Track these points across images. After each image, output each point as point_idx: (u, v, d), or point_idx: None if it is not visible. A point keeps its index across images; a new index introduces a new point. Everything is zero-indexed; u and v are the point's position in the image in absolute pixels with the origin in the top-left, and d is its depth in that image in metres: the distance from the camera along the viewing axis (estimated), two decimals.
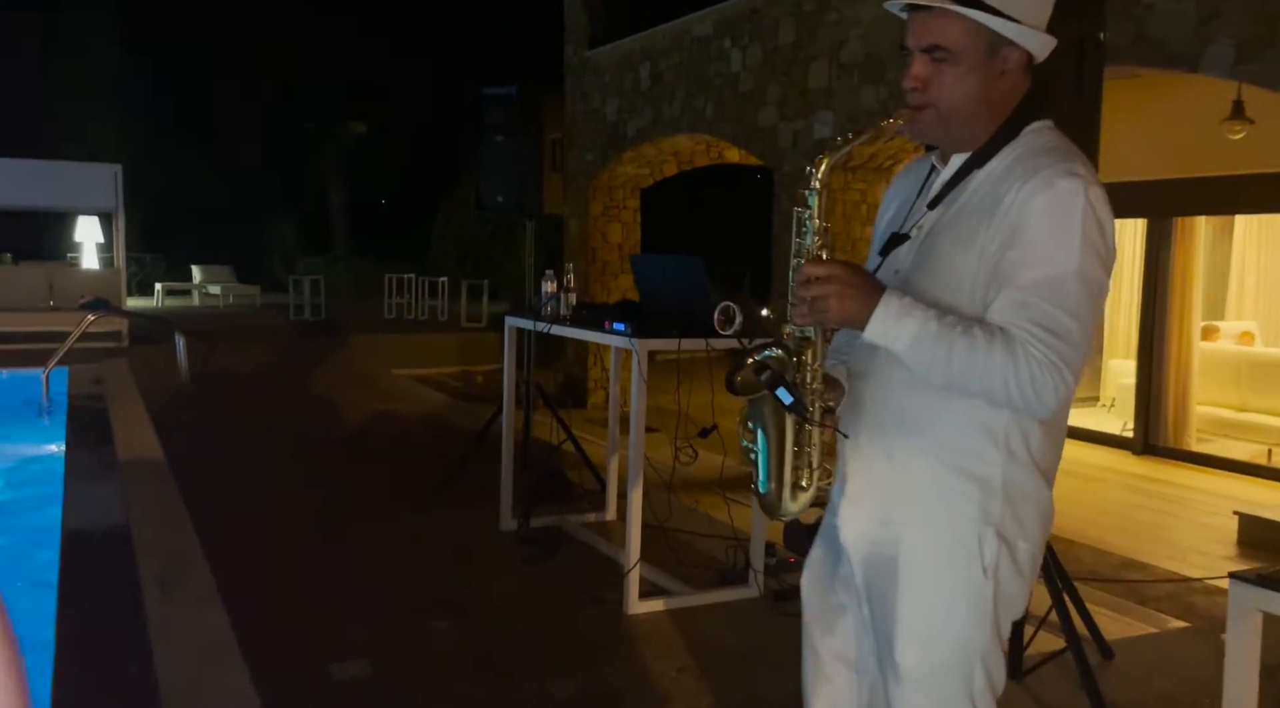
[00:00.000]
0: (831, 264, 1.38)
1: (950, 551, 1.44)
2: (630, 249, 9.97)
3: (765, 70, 6.94)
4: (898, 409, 1.47)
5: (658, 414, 4.42)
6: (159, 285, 18.87)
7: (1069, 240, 1.33)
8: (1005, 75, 1.43)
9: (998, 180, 1.42)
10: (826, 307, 1.36)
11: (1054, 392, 1.32)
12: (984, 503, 1.42)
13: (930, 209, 1.50)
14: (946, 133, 1.47)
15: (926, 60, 1.42)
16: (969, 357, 1.33)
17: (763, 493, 1.51)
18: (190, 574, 3.37)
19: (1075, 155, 1.42)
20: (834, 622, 1.62)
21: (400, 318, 15.33)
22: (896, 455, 1.48)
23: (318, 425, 6.90)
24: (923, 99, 1.43)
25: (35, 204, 11.72)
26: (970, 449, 1.42)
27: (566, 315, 3.77)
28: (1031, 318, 1.32)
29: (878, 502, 1.51)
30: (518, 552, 3.96)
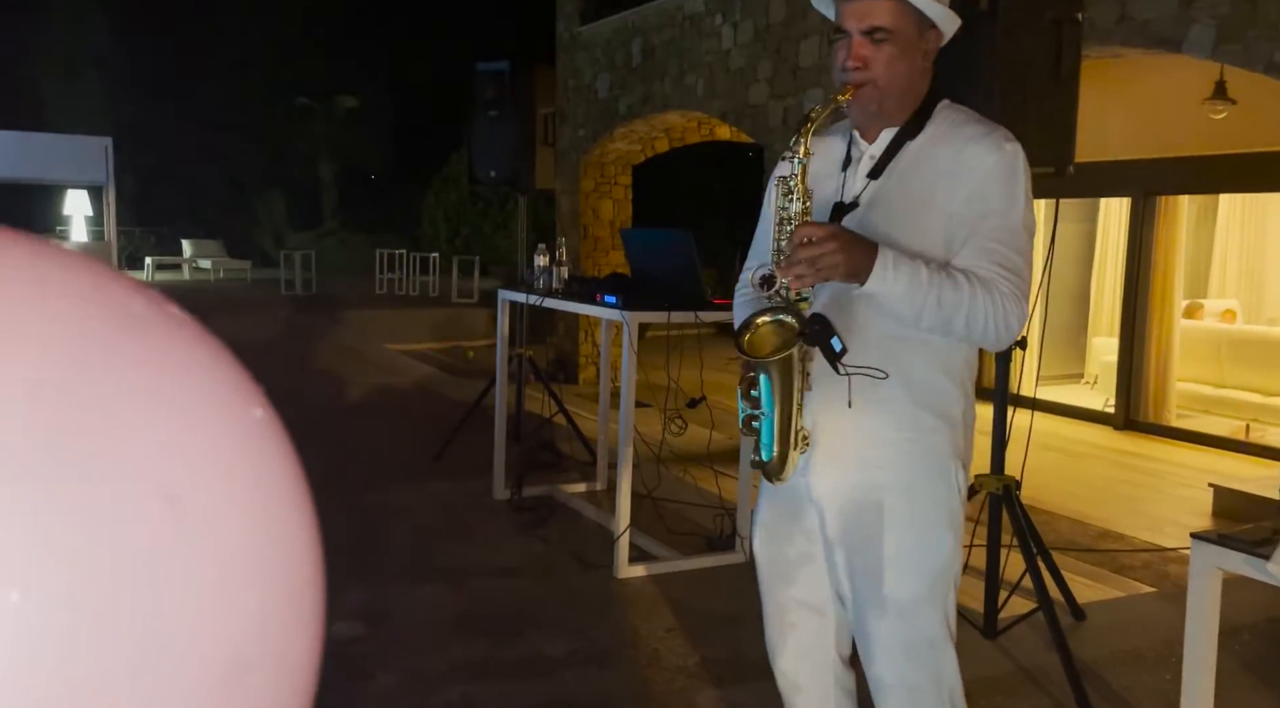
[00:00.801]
0: (827, 225, 1.53)
1: (930, 484, 1.61)
2: (622, 225, 10.01)
3: (756, 47, 6.98)
4: (875, 359, 1.57)
5: (648, 390, 4.52)
6: (149, 260, 18.83)
7: (1016, 194, 1.57)
8: (927, 55, 1.63)
9: (933, 147, 1.60)
10: (838, 261, 1.45)
11: (1020, 320, 1.55)
12: (952, 437, 1.62)
13: (871, 179, 1.64)
14: (880, 108, 1.61)
15: (867, 41, 1.57)
16: (955, 298, 1.49)
17: (767, 460, 1.60)
18: None
19: (998, 124, 1.64)
20: (794, 572, 1.72)
21: (391, 293, 15.37)
22: (874, 404, 1.58)
23: (311, 398, 6.97)
24: (865, 76, 1.58)
25: (24, 176, 11.66)
26: (939, 389, 1.61)
27: (558, 289, 3.84)
28: (996, 261, 1.53)
29: (855, 450, 1.61)
30: (510, 520, 4.06)
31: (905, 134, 1.61)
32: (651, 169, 10.20)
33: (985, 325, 1.51)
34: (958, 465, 1.63)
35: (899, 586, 1.60)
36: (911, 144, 1.61)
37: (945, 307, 1.49)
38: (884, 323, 1.56)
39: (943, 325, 1.52)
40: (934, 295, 1.48)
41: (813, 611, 1.72)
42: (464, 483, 4.55)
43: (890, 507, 1.60)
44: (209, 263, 18.30)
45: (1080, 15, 2.54)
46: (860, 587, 1.64)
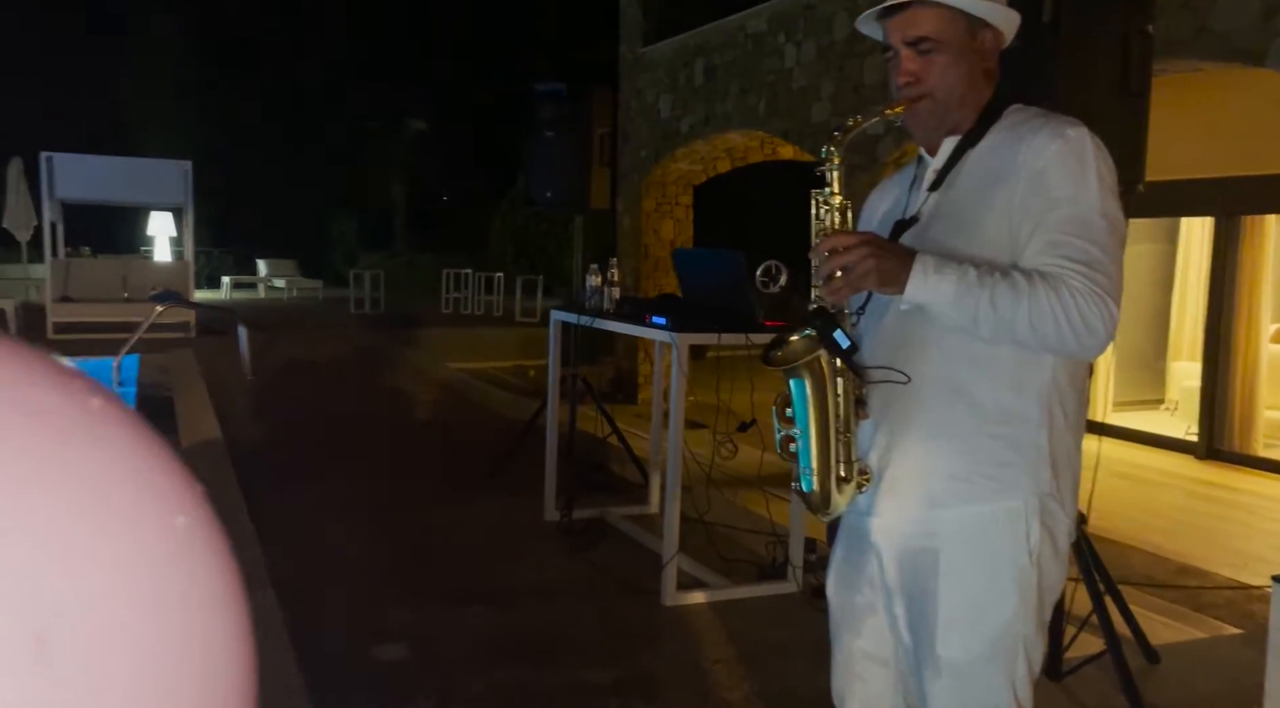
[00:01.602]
0: (859, 232, 1.42)
1: (995, 531, 1.43)
2: (683, 245, 9.98)
3: (819, 66, 6.89)
4: (935, 384, 1.44)
5: (704, 410, 4.45)
6: (226, 278, 19.45)
7: (1087, 181, 1.39)
8: (985, 56, 1.51)
9: (994, 151, 1.47)
10: (869, 268, 1.34)
11: (1102, 321, 1.33)
12: (1034, 471, 1.42)
13: (931, 191, 1.52)
14: (942, 119, 1.51)
15: (914, 54, 1.47)
16: (1014, 298, 1.33)
17: (807, 491, 1.48)
18: (241, 559, 3.49)
19: (1066, 117, 1.48)
20: (861, 622, 1.60)
21: (457, 312, 15.57)
22: (941, 434, 1.44)
23: (372, 415, 7.06)
24: (919, 91, 1.48)
25: (110, 198, 12.15)
26: (1015, 415, 1.42)
27: (609, 310, 3.81)
28: (1065, 255, 1.35)
29: (917, 487, 1.46)
30: (559, 542, 4.01)
31: (967, 142, 1.50)
32: (713, 189, 10.16)
33: (1057, 327, 1.32)
34: (1039, 509, 1.42)
35: (952, 645, 1.45)
36: (973, 151, 1.49)
37: (1001, 309, 1.33)
38: (946, 340, 1.42)
39: (1005, 331, 1.35)
40: (986, 298, 1.33)
41: (879, 663, 1.59)
42: (515, 503, 4.53)
43: (948, 556, 1.44)
44: (283, 282, 18.82)
45: (1151, 28, 2.42)
46: (916, 643, 1.50)
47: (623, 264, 9.86)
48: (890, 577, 1.53)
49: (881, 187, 1.71)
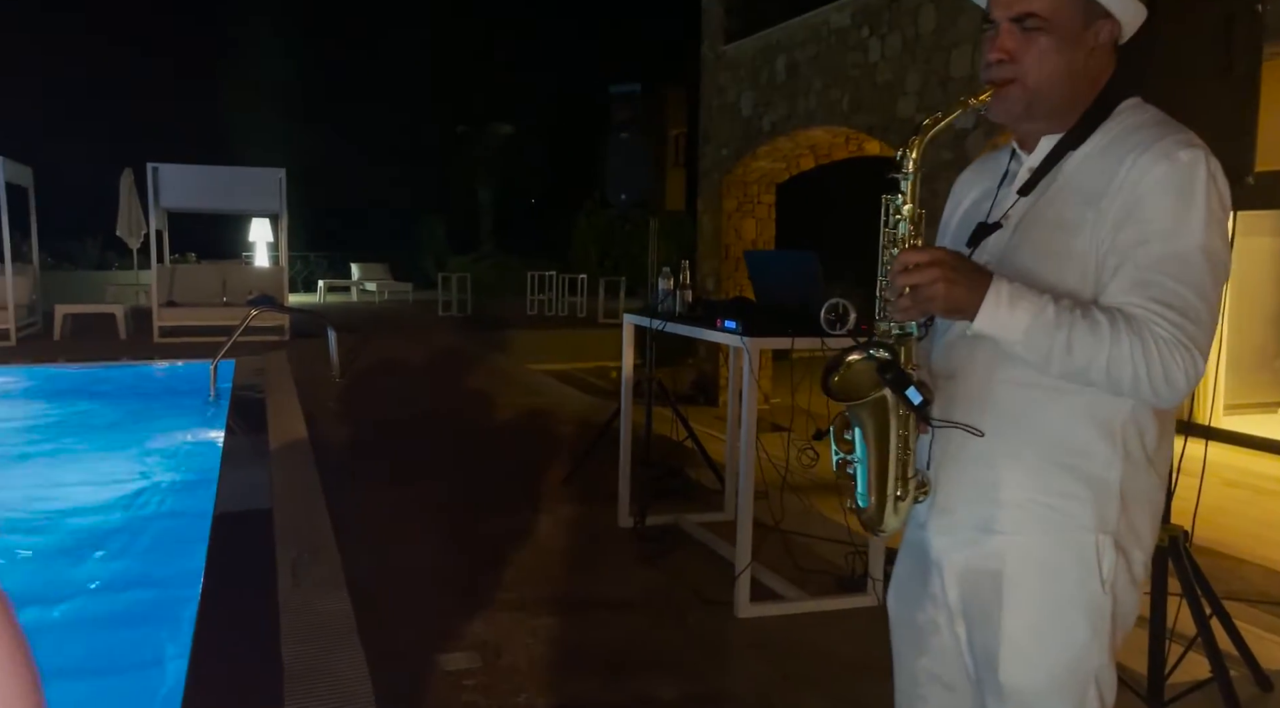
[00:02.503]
0: (932, 249, 1.28)
1: (1061, 561, 1.34)
2: (765, 245, 9.84)
3: (905, 59, 6.69)
4: (1000, 407, 1.35)
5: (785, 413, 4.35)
6: (321, 282, 20.05)
7: (1192, 214, 1.24)
8: (1096, 51, 1.34)
9: (1097, 159, 1.32)
10: (936, 293, 1.24)
11: (1184, 375, 1.22)
12: (1099, 508, 1.32)
13: (1021, 196, 1.38)
14: (1031, 112, 1.36)
15: (1016, 31, 1.32)
16: (1092, 342, 1.22)
17: (862, 507, 1.43)
18: (320, 561, 3.54)
19: (1186, 128, 1.31)
20: (926, 641, 1.52)
21: (541, 314, 15.71)
22: (999, 457, 1.36)
23: (453, 417, 7.14)
24: (1010, 72, 1.33)
25: (212, 207, 12.65)
26: (1083, 448, 1.32)
27: (682, 313, 3.74)
28: (1154, 296, 1.23)
29: (972, 507, 1.39)
30: (633, 549, 3.96)
31: (1066, 143, 1.35)
32: (797, 187, 9.98)
33: (1135, 377, 1.22)
34: (1106, 543, 1.32)
35: (1015, 673, 1.36)
36: (1074, 154, 1.34)
37: (1078, 353, 1.23)
38: (1010, 366, 1.33)
39: (1078, 374, 1.26)
40: (1062, 339, 1.23)
41: (943, 686, 1.50)
42: (590, 508, 4.50)
43: (1010, 580, 1.36)
44: (374, 285, 19.30)
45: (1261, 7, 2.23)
46: (979, 667, 1.42)
47: (703, 265, 9.78)
48: (951, 597, 1.44)
49: (975, 168, 1.56)
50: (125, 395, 8.09)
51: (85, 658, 3.52)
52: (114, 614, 3.92)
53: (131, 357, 9.24)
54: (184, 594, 3.51)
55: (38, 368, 8.60)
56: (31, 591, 4.12)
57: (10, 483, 5.66)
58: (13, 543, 4.70)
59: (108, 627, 3.80)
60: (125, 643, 3.67)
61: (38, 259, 11.81)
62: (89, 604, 3.99)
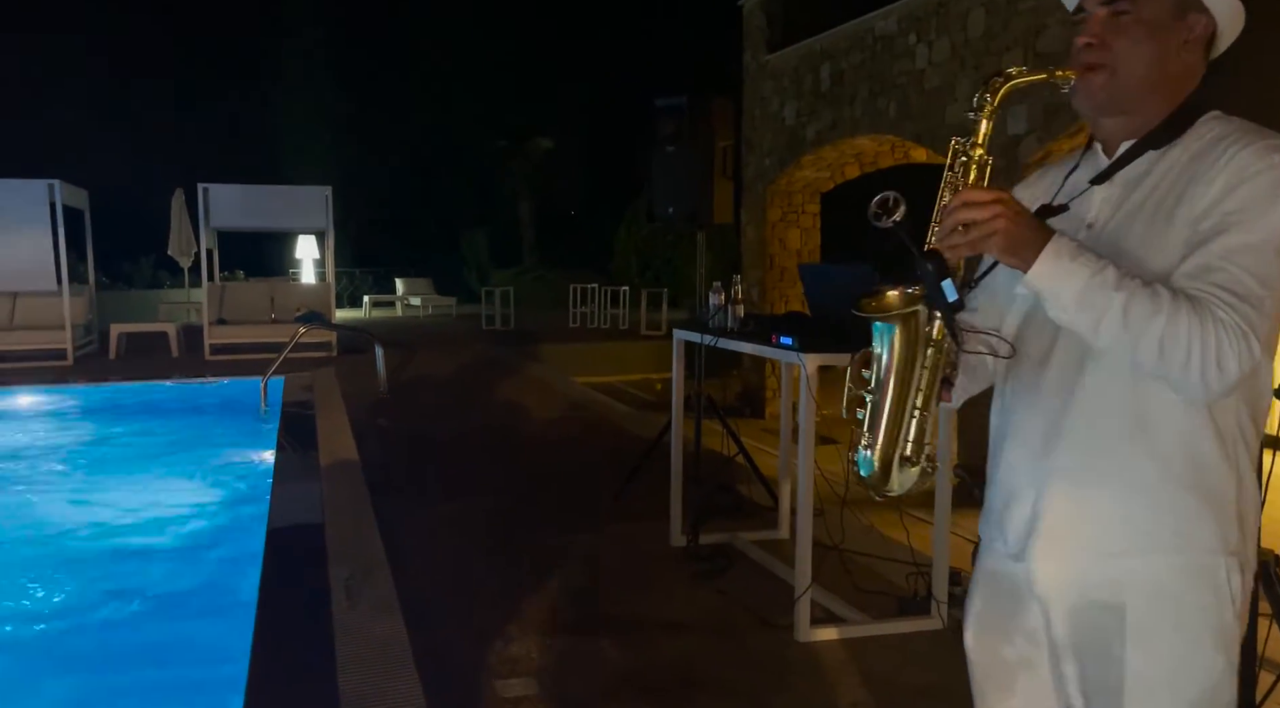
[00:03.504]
0: (997, 189, 1.21)
1: (1192, 588, 1.26)
2: (810, 255, 9.73)
3: (954, 65, 6.57)
4: (1109, 413, 1.27)
5: (834, 424, 4.24)
6: (367, 298, 20.29)
7: (1275, 210, 1.19)
8: (1187, 46, 1.30)
9: (1188, 163, 1.27)
10: (996, 228, 1.17)
11: (1238, 361, 1.16)
12: (1222, 528, 1.25)
13: (1094, 184, 1.33)
14: (1114, 100, 1.31)
15: (1108, 16, 1.29)
16: (1150, 310, 1.16)
17: (865, 475, 1.33)
18: (373, 581, 3.52)
19: (1278, 133, 1.26)
20: (1012, 679, 1.42)
21: (584, 326, 15.71)
22: (1111, 474, 1.27)
23: (500, 432, 7.13)
24: (1099, 57, 1.29)
25: (261, 226, 12.85)
26: (1204, 462, 1.25)
27: (734, 328, 3.67)
28: (1219, 282, 1.18)
29: (1087, 534, 1.29)
30: (687, 569, 3.89)
31: (1149, 142, 1.30)
32: (841, 196, 9.86)
33: (1188, 358, 1.15)
34: (1230, 564, 1.26)
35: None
36: (1161, 163, 1.29)
37: (1133, 320, 1.16)
38: (1124, 362, 1.22)
39: (1126, 345, 1.18)
40: (1119, 302, 1.16)
41: None
42: (641, 526, 4.44)
43: (1136, 611, 1.27)
44: (419, 300, 19.47)
45: None
46: (1095, 705, 1.32)
47: (748, 276, 9.70)
48: (1059, 632, 1.34)
49: (1029, 181, 1.50)
50: (179, 413, 8.21)
51: (140, 673, 3.53)
52: (167, 633, 3.95)
53: (184, 374, 9.38)
54: (238, 613, 3.51)
55: (94, 387, 8.76)
56: (85, 606, 4.16)
57: (67, 499, 5.75)
58: (69, 558, 4.76)
59: (160, 645, 3.82)
60: (181, 658, 3.69)
61: (93, 279, 12.07)
62: (142, 623, 4.02)
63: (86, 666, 3.64)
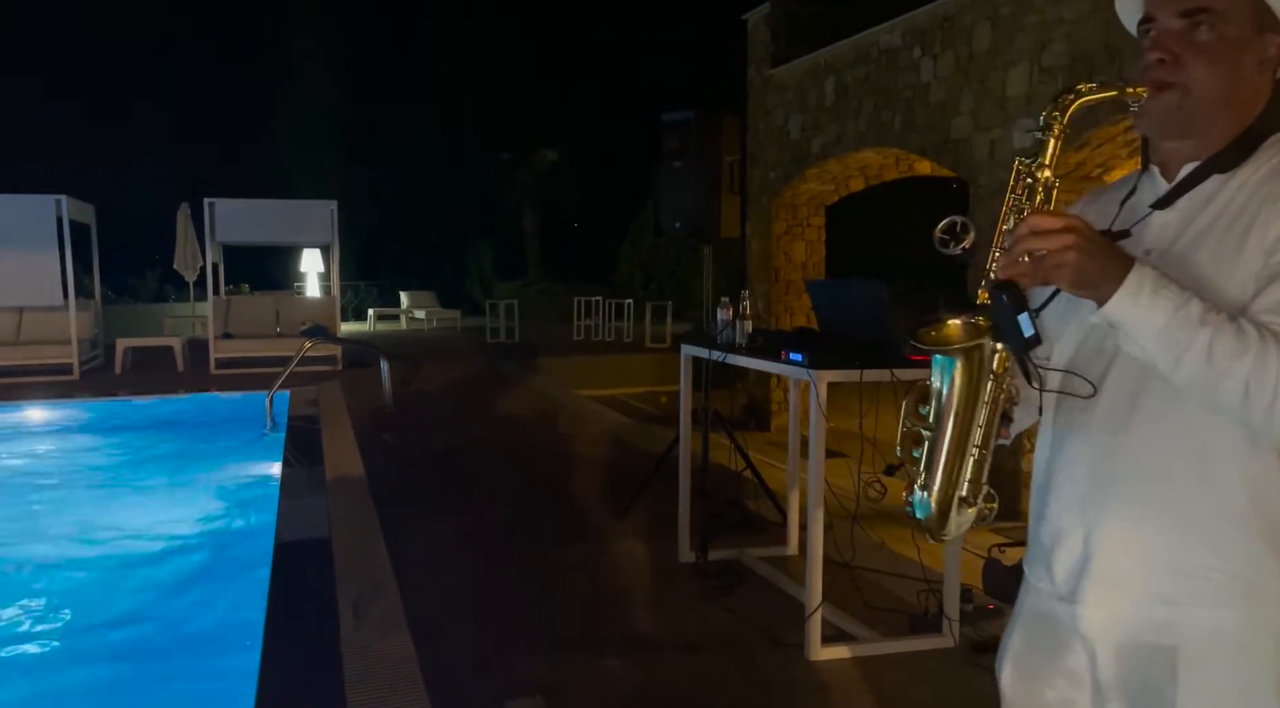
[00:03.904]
0: (1067, 215, 1.12)
1: (1252, 638, 1.20)
2: (814, 267, 9.73)
3: (958, 79, 6.58)
4: (1168, 448, 1.20)
5: (843, 438, 4.22)
6: (371, 311, 20.31)
7: None
8: (1263, 65, 1.22)
9: (1256, 186, 1.20)
10: (1066, 260, 1.09)
11: None
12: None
13: (1156, 209, 1.26)
14: (1187, 124, 1.22)
15: (1183, 31, 1.20)
16: (1238, 348, 1.08)
17: (921, 517, 1.26)
18: (381, 599, 3.51)
19: None
20: None
21: (588, 339, 15.72)
22: (1173, 517, 1.20)
23: (505, 447, 7.12)
24: (1171, 76, 1.21)
25: (266, 240, 12.87)
26: (1269, 499, 1.18)
27: (743, 344, 3.66)
28: None
29: (1145, 577, 1.22)
30: (695, 586, 3.87)
31: (1214, 165, 1.22)
32: (845, 208, 9.86)
33: (1274, 398, 1.07)
34: None
35: None
36: (1229, 185, 1.21)
37: (1218, 359, 1.08)
38: (1190, 407, 1.16)
39: (1207, 386, 1.10)
40: (1204, 339, 1.08)
41: None
42: (649, 543, 4.43)
43: (1189, 657, 1.21)
44: (423, 313, 19.49)
45: None
46: None
47: (753, 289, 9.70)
48: (1107, 674, 1.28)
49: (1087, 199, 1.42)
50: (185, 427, 8.21)
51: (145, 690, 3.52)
52: (172, 649, 3.93)
53: (190, 389, 9.38)
54: (245, 630, 3.50)
55: (100, 402, 8.76)
56: (92, 623, 4.15)
57: (73, 514, 5.74)
58: (73, 573, 4.75)
59: (166, 662, 3.81)
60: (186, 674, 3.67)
61: (99, 294, 12.09)
62: (147, 639, 4.00)
63: (90, 682, 3.62)
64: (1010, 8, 6.05)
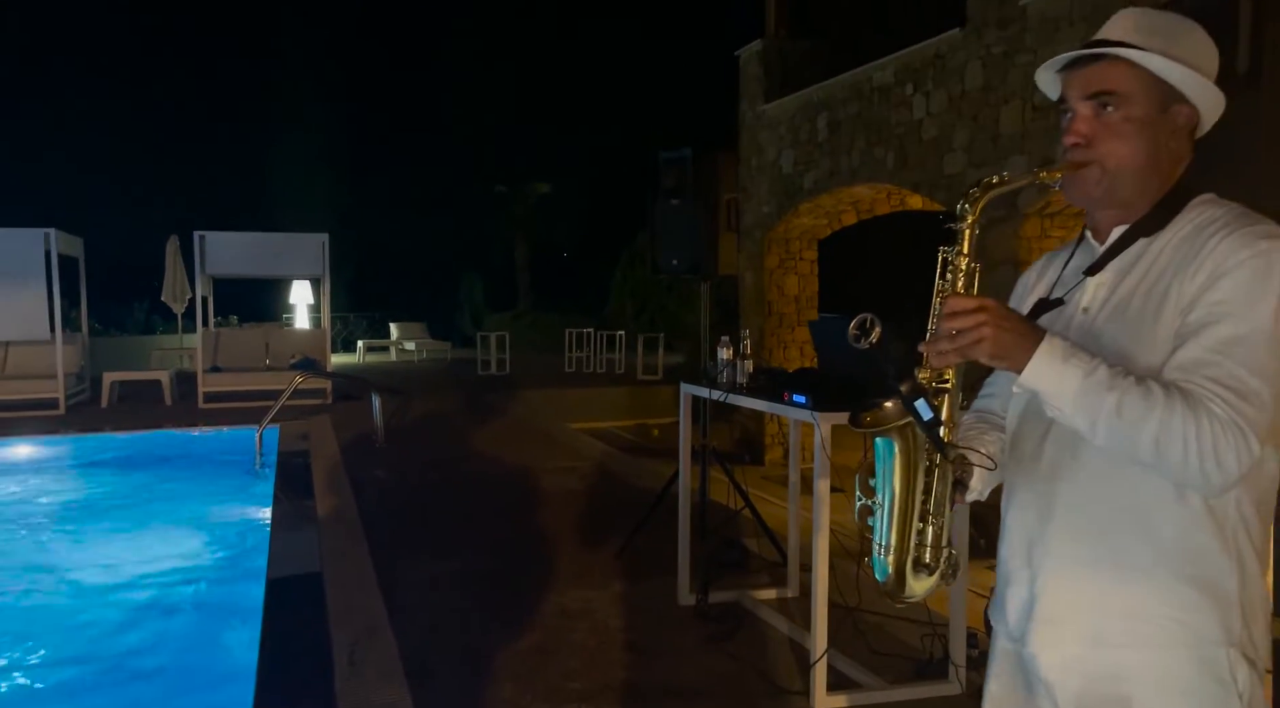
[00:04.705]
0: (981, 297, 1.24)
1: (1196, 680, 1.25)
2: (808, 301, 9.75)
3: (950, 116, 6.63)
4: (1103, 501, 1.28)
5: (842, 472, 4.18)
6: (361, 343, 20.21)
7: (1264, 300, 1.20)
8: (1175, 135, 1.32)
9: (1177, 247, 1.29)
10: (982, 335, 1.19)
11: (1236, 457, 1.15)
12: (1224, 619, 1.24)
13: (1088, 275, 1.36)
14: (1109, 195, 1.33)
15: (1092, 113, 1.31)
16: (1144, 408, 1.16)
17: (880, 580, 1.35)
18: (376, 646, 3.43)
19: (1267, 219, 1.28)
20: None
21: (580, 371, 15.67)
22: (1110, 563, 1.27)
23: (499, 483, 7.05)
24: (1087, 155, 1.31)
25: (257, 273, 12.81)
26: (1203, 553, 1.25)
27: (743, 383, 3.63)
28: (1212, 376, 1.18)
29: (1086, 621, 1.30)
30: (696, 630, 3.81)
31: (1140, 230, 1.32)
32: (838, 242, 9.90)
33: (1185, 454, 1.15)
34: (1234, 657, 1.24)
35: None
36: (1152, 247, 1.31)
37: (1127, 418, 1.16)
38: (1120, 461, 1.25)
39: (1124, 445, 1.19)
40: (1112, 401, 1.17)
41: None
42: (648, 584, 4.36)
43: (1142, 703, 1.26)
44: (413, 344, 19.41)
45: None
46: None
47: (746, 322, 9.70)
48: None
49: (1042, 261, 1.53)
50: (172, 463, 8.10)
51: None
52: (159, 693, 3.83)
53: (178, 423, 9.28)
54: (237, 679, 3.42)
55: (86, 437, 8.65)
56: (72, 665, 4.05)
57: (56, 553, 5.63)
58: (58, 613, 4.64)
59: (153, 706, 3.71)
60: None
61: (86, 327, 11.99)
62: (133, 682, 3.91)
63: None
64: (1002, 47, 6.11)
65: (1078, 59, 1.32)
